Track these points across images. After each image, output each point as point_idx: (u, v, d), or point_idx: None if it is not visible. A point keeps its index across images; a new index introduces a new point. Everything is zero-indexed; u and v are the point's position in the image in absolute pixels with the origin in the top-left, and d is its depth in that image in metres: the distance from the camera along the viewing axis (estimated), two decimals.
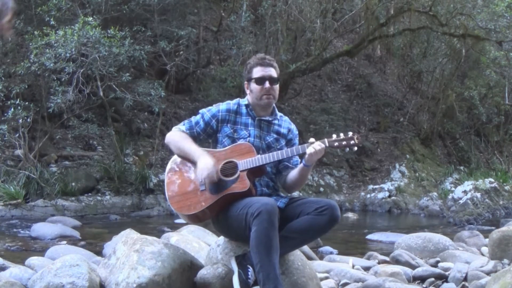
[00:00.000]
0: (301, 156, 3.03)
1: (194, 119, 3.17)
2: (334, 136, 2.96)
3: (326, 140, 2.94)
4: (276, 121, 3.20)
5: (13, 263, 3.69)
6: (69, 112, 10.02)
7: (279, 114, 3.24)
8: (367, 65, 17.31)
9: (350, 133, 2.95)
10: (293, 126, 3.27)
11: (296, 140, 3.23)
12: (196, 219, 3.03)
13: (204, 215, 2.96)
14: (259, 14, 12.62)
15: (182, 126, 3.16)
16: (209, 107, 3.20)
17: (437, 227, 8.87)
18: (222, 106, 3.17)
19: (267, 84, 3.07)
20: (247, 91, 3.17)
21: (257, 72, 3.10)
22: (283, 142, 3.16)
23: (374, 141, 14.62)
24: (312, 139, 2.94)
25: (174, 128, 3.19)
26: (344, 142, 2.93)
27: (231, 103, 3.19)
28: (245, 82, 3.18)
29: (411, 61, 16.72)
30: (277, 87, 3.13)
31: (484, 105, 15.43)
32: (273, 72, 3.11)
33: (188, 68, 11.97)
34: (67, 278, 2.82)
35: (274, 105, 3.21)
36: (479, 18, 13.15)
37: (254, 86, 3.10)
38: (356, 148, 2.95)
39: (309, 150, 2.90)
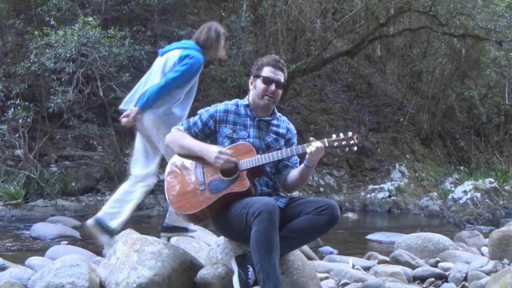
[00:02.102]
0: (302, 156, 3.03)
1: (192, 119, 3.18)
2: (334, 136, 2.97)
3: (326, 140, 2.94)
4: (275, 121, 3.21)
5: (13, 263, 3.69)
6: (69, 112, 10.03)
7: (278, 114, 3.26)
8: (367, 65, 17.31)
9: (350, 133, 2.95)
10: (291, 126, 3.27)
11: (295, 140, 3.24)
12: (196, 219, 3.03)
13: (204, 215, 2.96)
14: (259, 14, 12.63)
15: (181, 126, 3.18)
16: (207, 108, 3.20)
17: (437, 227, 8.87)
18: (220, 106, 3.18)
19: (273, 87, 3.10)
20: (250, 86, 3.18)
21: (267, 72, 3.11)
22: (282, 142, 3.17)
23: (374, 141, 14.62)
24: (312, 138, 2.95)
25: (173, 129, 3.20)
26: (343, 142, 2.93)
27: (229, 104, 3.20)
28: (251, 77, 3.19)
29: (411, 61, 16.73)
30: (280, 91, 3.17)
31: (484, 105, 15.44)
32: (281, 77, 3.14)
33: None
34: (67, 278, 2.82)
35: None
36: (479, 18, 13.15)
37: (259, 83, 3.12)
38: (355, 148, 2.95)
39: (309, 149, 2.90)
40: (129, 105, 4.21)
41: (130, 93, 4.28)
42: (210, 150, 2.95)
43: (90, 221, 4.12)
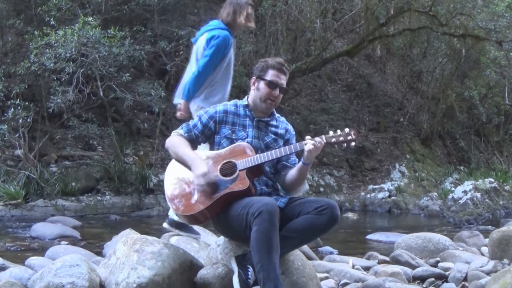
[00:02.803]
0: (299, 155, 3.04)
1: (191, 122, 3.19)
2: (331, 132, 2.97)
3: (323, 136, 2.96)
4: (274, 122, 3.22)
5: (13, 263, 3.69)
6: (69, 112, 10.03)
7: (276, 114, 3.26)
8: (367, 65, 17.31)
9: (347, 129, 2.96)
10: (290, 127, 3.29)
11: (294, 140, 3.25)
12: (196, 220, 3.03)
13: (203, 216, 2.96)
14: (259, 14, 12.61)
15: (180, 130, 3.17)
16: (206, 109, 3.21)
17: (437, 227, 8.86)
18: (219, 107, 3.18)
19: (277, 92, 3.11)
20: (252, 87, 3.18)
21: (272, 75, 3.11)
22: (281, 142, 3.18)
23: (374, 141, 14.62)
24: (308, 137, 2.95)
25: (173, 133, 3.20)
26: (341, 138, 2.94)
27: (228, 104, 3.20)
28: (254, 77, 3.19)
29: (411, 61, 16.73)
30: (282, 95, 3.18)
31: (484, 105, 15.44)
32: (285, 81, 3.16)
33: None
34: (67, 278, 2.82)
35: None
36: (479, 18, 13.15)
37: (263, 86, 3.11)
38: (353, 144, 2.95)
39: (307, 147, 2.91)
40: (179, 99, 4.31)
41: (179, 86, 4.38)
42: (197, 168, 2.92)
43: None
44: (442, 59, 15.44)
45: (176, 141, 3.11)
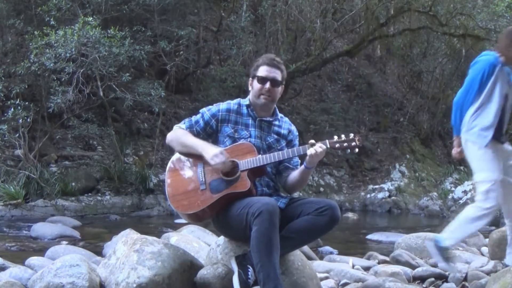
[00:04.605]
0: (302, 157, 3.03)
1: (194, 118, 3.18)
2: (336, 137, 2.96)
3: (327, 141, 2.94)
4: (276, 122, 3.20)
5: (13, 263, 3.69)
6: (69, 112, 10.03)
7: (279, 115, 3.25)
8: (367, 65, 17.30)
9: (352, 135, 2.95)
10: (293, 127, 3.27)
11: (296, 141, 3.23)
12: (196, 218, 3.03)
13: (204, 214, 2.96)
14: (259, 14, 12.64)
15: (183, 124, 3.17)
16: (209, 107, 3.20)
17: (437, 227, 8.86)
18: (222, 105, 3.17)
19: (267, 85, 3.08)
20: (250, 88, 3.19)
21: (262, 71, 3.10)
22: (283, 142, 3.16)
23: (374, 141, 14.62)
24: (312, 141, 2.94)
25: (175, 127, 3.20)
26: (345, 144, 2.93)
27: (232, 103, 3.19)
28: (250, 78, 3.20)
29: (411, 61, 16.72)
30: (278, 89, 3.13)
31: None
32: (277, 75, 3.10)
33: (188, 68, 11.96)
34: (67, 278, 2.82)
35: (275, 106, 3.21)
36: (479, 18, 13.16)
37: (255, 83, 3.12)
38: (357, 150, 2.95)
39: (310, 151, 2.89)
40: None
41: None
42: (210, 149, 2.94)
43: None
44: (442, 59, 15.44)
45: (181, 133, 3.11)
